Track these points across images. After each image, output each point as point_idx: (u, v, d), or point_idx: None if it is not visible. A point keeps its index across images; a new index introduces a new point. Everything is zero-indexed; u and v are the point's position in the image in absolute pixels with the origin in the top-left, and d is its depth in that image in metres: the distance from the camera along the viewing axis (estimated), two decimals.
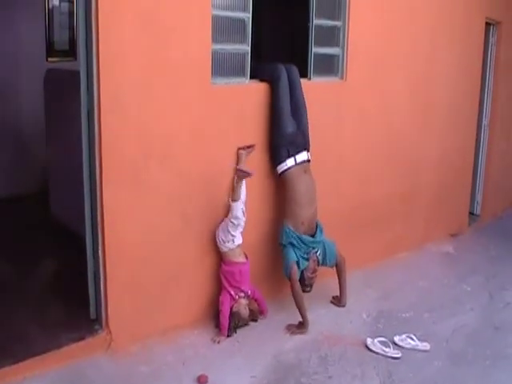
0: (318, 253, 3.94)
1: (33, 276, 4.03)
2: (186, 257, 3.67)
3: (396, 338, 3.69)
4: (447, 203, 5.78)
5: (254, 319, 3.84)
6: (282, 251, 3.88)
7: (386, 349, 3.56)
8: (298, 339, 3.69)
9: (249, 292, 3.76)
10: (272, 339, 3.65)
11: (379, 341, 3.62)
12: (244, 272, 3.73)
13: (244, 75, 3.85)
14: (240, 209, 3.62)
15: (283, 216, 3.92)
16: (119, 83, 3.18)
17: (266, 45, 5.36)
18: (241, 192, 3.63)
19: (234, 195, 3.63)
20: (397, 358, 3.52)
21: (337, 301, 4.19)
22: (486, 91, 6.30)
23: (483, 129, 6.40)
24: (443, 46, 5.30)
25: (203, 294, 3.80)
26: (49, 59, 6.00)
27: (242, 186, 3.66)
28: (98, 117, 3.15)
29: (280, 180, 3.95)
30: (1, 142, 5.75)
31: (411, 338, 3.69)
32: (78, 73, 3.18)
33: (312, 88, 4.14)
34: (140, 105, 3.29)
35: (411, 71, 5.03)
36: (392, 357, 3.52)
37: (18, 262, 4.20)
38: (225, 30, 3.68)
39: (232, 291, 3.69)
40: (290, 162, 3.86)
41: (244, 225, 3.69)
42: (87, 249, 3.37)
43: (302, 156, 3.91)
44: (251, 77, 3.89)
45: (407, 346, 3.64)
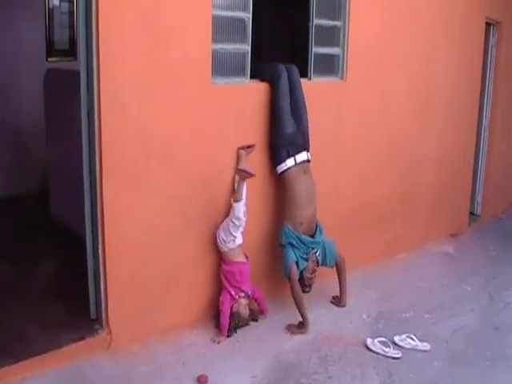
0: (318, 253, 3.94)
1: (33, 276, 4.03)
2: (186, 257, 3.67)
3: (396, 338, 3.69)
4: (447, 203, 5.78)
5: (254, 319, 3.84)
6: (282, 251, 3.88)
7: (386, 349, 3.56)
8: (298, 339, 3.69)
9: (249, 292, 3.76)
10: (272, 339, 3.65)
11: (379, 341, 3.62)
12: (244, 272, 3.73)
13: (244, 75, 3.85)
14: (242, 210, 3.62)
15: (283, 216, 3.93)
16: (119, 83, 3.18)
17: (266, 45, 5.37)
18: (243, 192, 3.63)
19: (237, 196, 3.62)
20: (397, 358, 3.52)
21: (337, 301, 4.19)
22: (486, 91, 6.30)
23: (483, 129, 6.40)
24: (443, 46, 5.30)
25: (203, 294, 3.80)
26: (49, 59, 6.00)
27: (244, 187, 3.66)
28: (98, 117, 3.15)
29: (280, 180, 3.95)
30: (1, 142, 5.75)
31: (411, 338, 3.69)
32: (78, 73, 3.18)
33: (312, 88, 4.14)
34: (140, 105, 3.29)
35: (411, 71, 5.03)
36: (392, 357, 3.52)
37: (18, 262, 4.20)
38: (225, 30, 3.68)
39: (232, 291, 3.68)
40: (290, 163, 3.86)
41: (244, 225, 3.69)
42: (87, 249, 3.37)
43: (302, 156, 3.91)
44: (251, 77, 3.89)
45: (407, 346, 3.64)
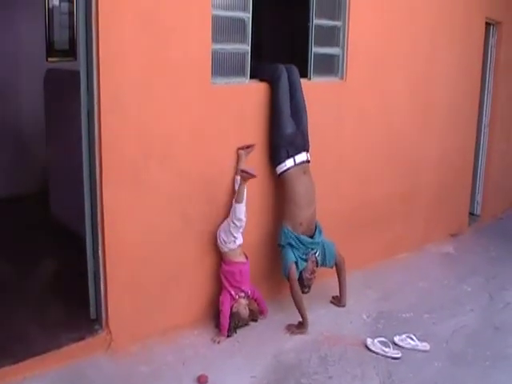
0: (317, 254, 3.93)
1: (33, 276, 4.03)
2: (186, 257, 3.66)
3: (396, 339, 3.69)
4: (447, 203, 5.78)
5: (254, 319, 3.84)
6: (281, 252, 3.88)
7: (386, 349, 3.56)
8: (298, 339, 3.69)
9: (249, 292, 3.76)
10: (272, 339, 3.65)
11: (379, 341, 3.62)
12: (244, 272, 3.73)
13: (244, 75, 3.85)
14: (243, 211, 3.61)
15: (282, 217, 3.92)
16: (119, 83, 3.18)
17: (266, 45, 5.36)
18: (244, 193, 3.63)
19: (238, 197, 3.61)
20: (397, 359, 3.52)
21: (337, 301, 4.19)
22: (486, 91, 6.30)
23: (483, 129, 6.40)
24: (443, 46, 5.30)
25: (203, 294, 3.80)
26: (49, 59, 6.00)
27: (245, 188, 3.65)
28: (98, 117, 3.15)
29: (279, 180, 3.95)
30: (1, 142, 5.76)
31: (411, 339, 3.69)
32: (78, 73, 3.18)
33: (312, 88, 4.14)
34: (140, 105, 3.29)
35: (411, 71, 5.03)
36: (392, 357, 3.52)
37: (18, 262, 4.20)
38: (225, 30, 3.68)
39: (232, 291, 3.68)
40: (290, 163, 3.85)
41: (244, 225, 3.69)
42: (87, 249, 3.37)
43: (302, 157, 3.90)
44: (251, 77, 3.89)
45: (407, 347, 3.64)
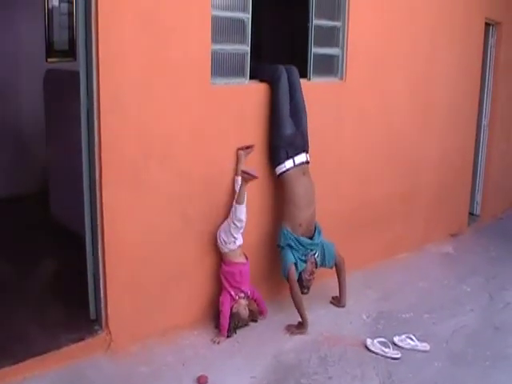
0: (316, 255, 3.93)
1: (33, 276, 4.03)
2: (186, 257, 3.66)
3: (396, 339, 3.69)
4: (447, 203, 5.78)
5: (254, 320, 3.83)
6: (280, 253, 3.87)
7: (386, 349, 3.56)
8: (298, 340, 3.68)
9: (248, 292, 3.76)
10: (272, 340, 3.65)
11: (379, 341, 3.62)
12: (244, 272, 3.73)
13: (244, 75, 3.85)
14: (244, 212, 3.61)
15: (281, 217, 3.92)
16: (119, 83, 3.18)
17: (266, 45, 5.36)
18: (245, 195, 3.62)
19: (239, 198, 3.60)
20: (396, 359, 3.52)
21: (336, 301, 4.19)
22: (486, 91, 6.30)
23: (483, 129, 6.40)
24: (443, 46, 5.30)
25: (203, 294, 3.80)
26: (48, 59, 6.00)
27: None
28: (98, 117, 3.14)
29: (278, 181, 3.95)
30: (1, 142, 5.76)
31: (411, 339, 3.69)
32: (78, 73, 3.18)
33: (312, 88, 4.14)
34: (140, 105, 3.29)
35: (411, 71, 5.03)
36: (392, 357, 3.52)
37: (18, 262, 4.20)
38: (224, 31, 3.68)
39: (232, 292, 3.68)
40: (289, 164, 3.85)
41: (244, 226, 3.68)
42: (87, 249, 3.37)
43: (301, 158, 3.90)
44: (251, 77, 3.89)
45: (407, 347, 3.64)
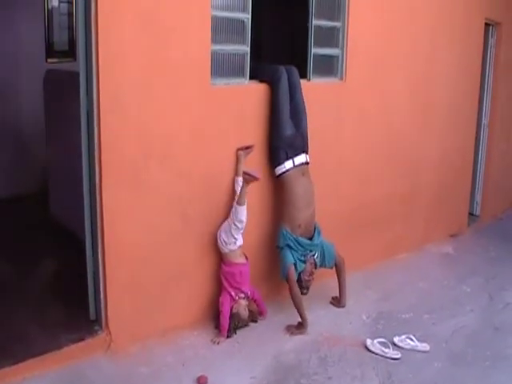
0: (316, 255, 3.93)
1: (33, 276, 4.03)
2: (186, 257, 3.66)
3: (395, 339, 3.69)
4: (447, 203, 5.78)
5: (254, 320, 3.83)
6: (279, 254, 3.87)
7: (386, 350, 3.56)
8: (298, 340, 3.68)
9: (249, 293, 3.76)
10: (272, 340, 3.65)
11: (379, 342, 3.62)
12: (244, 273, 3.73)
13: (243, 76, 3.84)
14: (245, 213, 3.61)
15: (281, 218, 3.91)
16: (119, 83, 3.18)
17: (266, 45, 5.36)
18: (246, 196, 3.61)
19: (240, 199, 3.60)
20: (396, 359, 3.52)
21: (336, 301, 4.19)
22: (486, 91, 6.30)
23: (483, 129, 6.40)
24: (443, 46, 5.30)
25: (203, 295, 3.80)
26: (48, 60, 5.99)
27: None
28: (98, 117, 3.14)
29: (278, 182, 3.95)
30: (1, 142, 5.75)
31: (411, 339, 3.69)
32: (78, 74, 3.17)
33: (311, 89, 4.13)
34: (140, 105, 3.29)
35: (411, 71, 5.03)
36: (391, 358, 3.52)
37: (18, 262, 4.20)
38: (224, 31, 3.68)
39: (232, 292, 3.68)
40: (289, 165, 3.85)
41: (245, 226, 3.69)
42: (87, 249, 3.37)
43: (301, 158, 3.90)
44: (251, 77, 3.89)
45: (407, 347, 3.64)
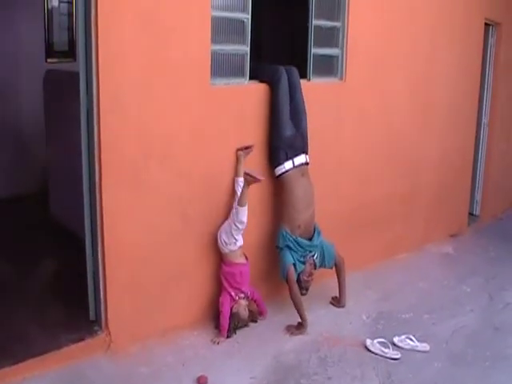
0: (315, 256, 3.92)
1: (33, 276, 4.03)
2: (186, 257, 3.66)
3: (395, 339, 3.69)
4: (447, 203, 5.78)
5: (254, 320, 3.83)
6: (279, 254, 3.87)
7: (386, 350, 3.56)
8: (298, 340, 3.68)
9: (248, 293, 3.76)
10: (272, 340, 3.65)
11: (379, 342, 3.62)
12: (244, 273, 3.73)
13: (243, 76, 3.84)
14: (246, 214, 3.60)
15: (280, 219, 3.91)
16: (119, 83, 3.18)
17: (266, 45, 5.36)
18: (247, 197, 3.60)
19: (241, 200, 3.59)
20: (396, 359, 3.52)
21: (336, 302, 4.18)
22: (486, 91, 6.30)
23: (483, 129, 6.40)
24: (443, 46, 5.30)
25: (203, 295, 3.80)
26: (48, 60, 5.99)
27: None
28: (98, 117, 3.14)
29: (277, 182, 3.94)
30: (1, 142, 5.75)
31: (411, 339, 3.69)
32: (78, 74, 3.17)
33: (311, 89, 4.13)
34: (140, 105, 3.29)
35: (411, 71, 5.03)
36: (391, 358, 3.52)
37: (18, 262, 4.20)
38: (224, 31, 3.68)
39: (232, 292, 3.68)
40: (288, 165, 3.85)
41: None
42: (86, 249, 3.37)
43: (301, 159, 3.90)
44: (251, 77, 3.89)
45: (407, 347, 3.64)
